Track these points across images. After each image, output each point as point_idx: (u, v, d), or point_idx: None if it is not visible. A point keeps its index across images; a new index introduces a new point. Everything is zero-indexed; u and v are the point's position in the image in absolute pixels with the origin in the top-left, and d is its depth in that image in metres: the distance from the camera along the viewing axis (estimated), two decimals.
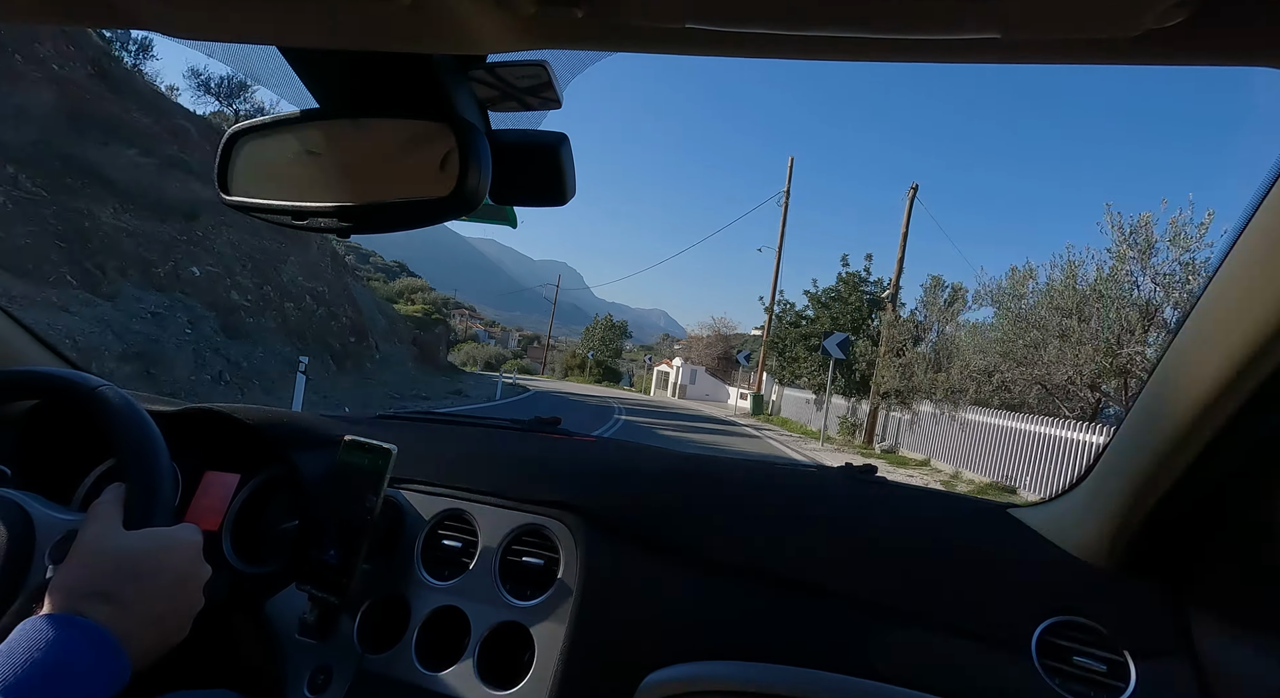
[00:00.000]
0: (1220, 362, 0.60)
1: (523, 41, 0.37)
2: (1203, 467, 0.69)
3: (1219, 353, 0.60)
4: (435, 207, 0.50)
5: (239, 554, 0.99)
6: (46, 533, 0.69)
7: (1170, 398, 0.68)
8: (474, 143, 0.49)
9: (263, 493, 1.05)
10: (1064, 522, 0.90)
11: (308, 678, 0.88)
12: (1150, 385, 0.72)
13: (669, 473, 1.01)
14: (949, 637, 0.79)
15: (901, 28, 0.31)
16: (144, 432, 0.71)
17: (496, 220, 0.92)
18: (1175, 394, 0.67)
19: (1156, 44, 0.32)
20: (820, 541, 0.89)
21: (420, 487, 1.01)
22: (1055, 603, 0.79)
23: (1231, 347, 0.58)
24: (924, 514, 0.95)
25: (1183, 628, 0.75)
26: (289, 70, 0.50)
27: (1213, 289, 0.62)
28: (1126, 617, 0.76)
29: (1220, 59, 0.34)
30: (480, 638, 0.86)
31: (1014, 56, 0.34)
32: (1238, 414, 0.63)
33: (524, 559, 0.91)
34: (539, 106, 0.50)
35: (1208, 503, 0.74)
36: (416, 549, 0.95)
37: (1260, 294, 0.55)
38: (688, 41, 0.35)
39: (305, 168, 0.55)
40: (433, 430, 1.24)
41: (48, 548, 0.68)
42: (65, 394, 0.75)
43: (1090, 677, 0.74)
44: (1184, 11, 0.28)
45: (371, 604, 0.92)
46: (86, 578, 0.57)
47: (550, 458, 1.04)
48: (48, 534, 0.69)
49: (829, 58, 0.35)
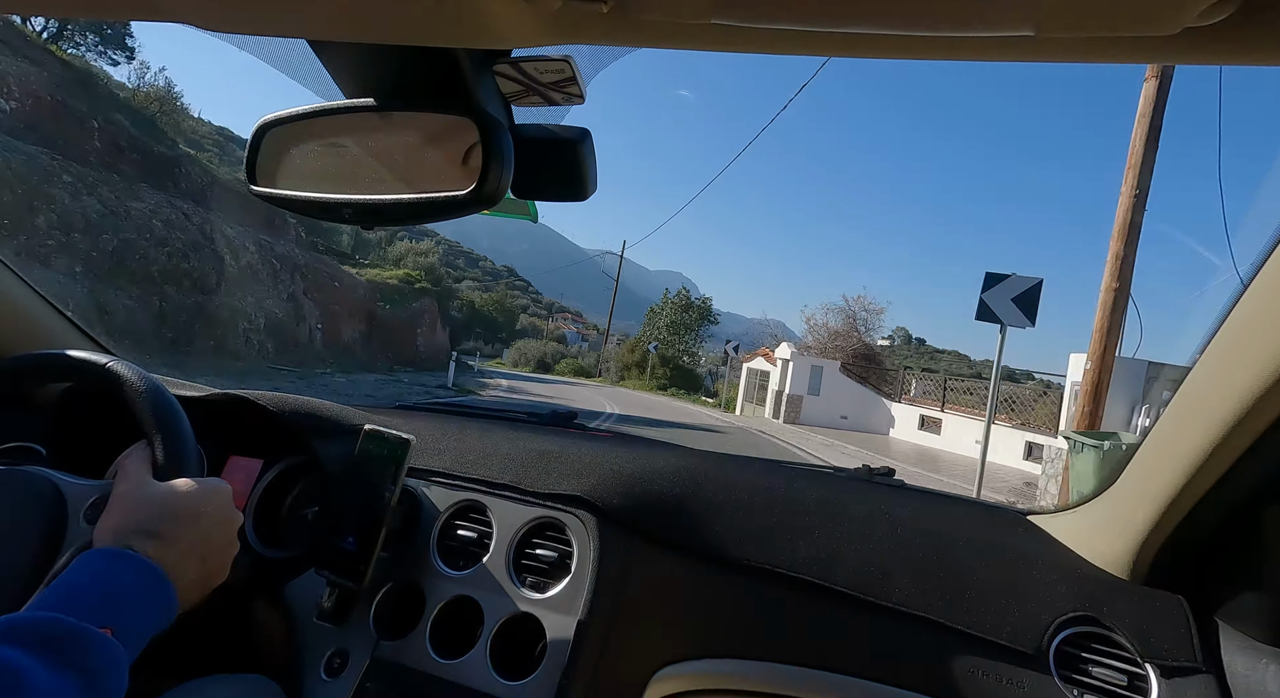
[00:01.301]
0: (1252, 374, 0.58)
1: (547, 36, 0.37)
2: (1232, 481, 0.67)
3: (1251, 365, 0.58)
4: (458, 201, 0.50)
5: (261, 538, 1.01)
6: (77, 500, 0.72)
7: (1200, 410, 0.66)
8: (497, 138, 0.49)
9: (285, 479, 1.07)
10: (1086, 530, 0.88)
11: (324, 661, 0.90)
12: (1179, 396, 0.70)
13: (685, 471, 1.01)
14: (965, 644, 0.78)
15: (934, 25, 0.30)
16: (159, 397, 0.74)
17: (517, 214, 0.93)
18: (1205, 406, 0.65)
19: (1196, 42, 0.31)
20: (835, 543, 0.89)
21: (438, 477, 1.02)
22: (1075, 613, 0.78)
23: (1263, 360, 0.57)
24: (942, 519, 0.94)
25: (1209, 644, 0.73)
26: (318, 64, 0.50)
27: (1244, 302, 0.60)
28: (1150, 629, 0.75)
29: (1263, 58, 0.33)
30: (493, 629, 0.87)
31: (1048, 55, 0.33)
32: (1268, 430, 0.61)
33: (538, 552, 0.92)
34: (562, 102, 0.51)
35: (1237, 520, 0.72)
36: (433, 539, 0.96)
37: None
38: (714, 38, 0.35)
39: (331, 160, 0.55)
40: (451, 422, 1.25)
41: (81, 512, 0.71)
42: (79, 373, 0.78)
43: (1109, 689, 0.73)
44: (1226, 9, 0.27)
45: (388, 592, 0.94)
46: (130, 519, 0.60)
47: (567, 453, 1.05)
48: (79, 501, 0.72)
49: (857, 55, 0.34)
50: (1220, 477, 0.67)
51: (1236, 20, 0.29)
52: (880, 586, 0.84)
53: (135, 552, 0.56)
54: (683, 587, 0.89)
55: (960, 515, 0.96)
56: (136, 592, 0.54)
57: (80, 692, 0.45)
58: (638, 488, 0.97)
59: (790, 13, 0.30)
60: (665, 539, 0.92)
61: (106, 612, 0.50)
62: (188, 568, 0.60)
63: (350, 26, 0.39)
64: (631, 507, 0.94)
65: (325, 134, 0.55)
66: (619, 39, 0.37)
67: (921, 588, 0.83)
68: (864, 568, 0.85)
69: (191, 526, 0.62)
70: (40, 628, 0.46)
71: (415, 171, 0.53)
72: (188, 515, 0.62)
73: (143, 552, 0.57)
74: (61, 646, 0.46)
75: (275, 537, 1.04)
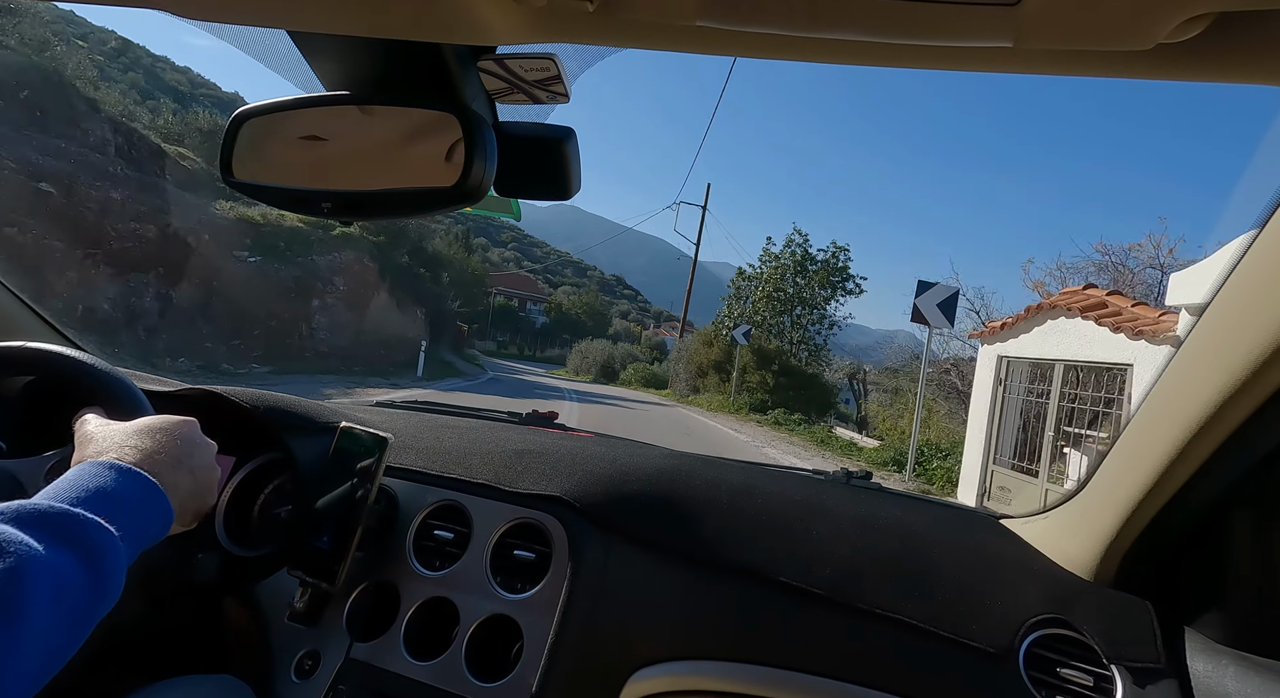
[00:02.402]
0: (1219, 382, 0.60)
1: (533, 33, 0.37)
2: (1198, 486, 0.69)
3: (1218, 373, 0.60)
4: (440, 196, 0.50)
5: (232, 537, 0.99)
6: (33, 474, 0.71)
7: (1167, 416, 0.68)
8: (481, 134, 0.49)
9: (258, 477, 1.05)
10: (1057, 534, 0.90)
11: (295, 662, 0.88)
12: (1147, 403, 0.72)
13: (664, 472, 1.01)
14: (938, 645, 0.79)
15: (915, 34, 0.30)
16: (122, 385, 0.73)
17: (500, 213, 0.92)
18: (1172, 413, 0.67)
19: (1169, 59, 0.32)
20: (812, 545, 0.89)
21: (415, 476, 1.01)
22: (1045, 615, 0.79)
23: (1230, 368, 0.58)
24: (918, 523, 0.95)
25: (1173, 646, 0.75)
26: (298, 55, 0.49)
27: (1212, 311, 0.62)
28: (1116, 632, 0.76)
29: (1232, 76, 0.34)
30: (469, 629, 0.86)
31: (1026, 66, 0.34)
32: (1233, 436, 0.63)
33: (516, 553, 0.91)
34: (547, 100, 0.50)
35: (1202, 524, 0.74)
36: (409, 539, 0.95)
37: (1260, 317, 0.55)
38: (699, 40, 0.35)
39: (311, 153, 0.55)
40: (430, 421, 1.24)
41: (41, 476, 0.69)
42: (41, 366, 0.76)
43: (1076, 689, 0.74)
44: (1197, 27, 0.28)
45: (362, 592, 0.92)
46: (107, 445, 0.59)
47: (546, 453, 1.04)
48: (34, 474, 0.71)
49: (840, 61, 0.35)
50: (1185, 482, 0.69)
51: (1208, 38, 0.29)
52: (855, 587, 0.84)
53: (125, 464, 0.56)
54: (661, 588, 0.89)
55: (935, 520, 0.97)
56: (132, 493, 0.53)
57: (79, 565, 0.44)
58: (617, 488, 0.96)
59: (775, 18, 0.31)
60: (644, 540, 0.92)
61: (103, 507, 0.49)
62: (179, 480, 0.60)
63: (334, 18, 0.39)
64: (610, 507, 0.94)
65: (305, 126, 0.54)
66: (604, 39, 0.37)
67: (896, 590, 0.84)
68: (840, 570, 0.86)
69: (169, 444, 0.62)
70: (33, 509, 0.45)
71: (397, 166, 0.53)
72: (164, 438, 0.62)
73: (132, 462, 0.56)
74: (58, 523, 0.45)
75: (247, 536, 1.02)
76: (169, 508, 0.57)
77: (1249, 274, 0.57)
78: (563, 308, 63.18)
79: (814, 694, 0.80)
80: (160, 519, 0.56)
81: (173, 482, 0.58)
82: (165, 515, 0.56)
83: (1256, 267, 0.56)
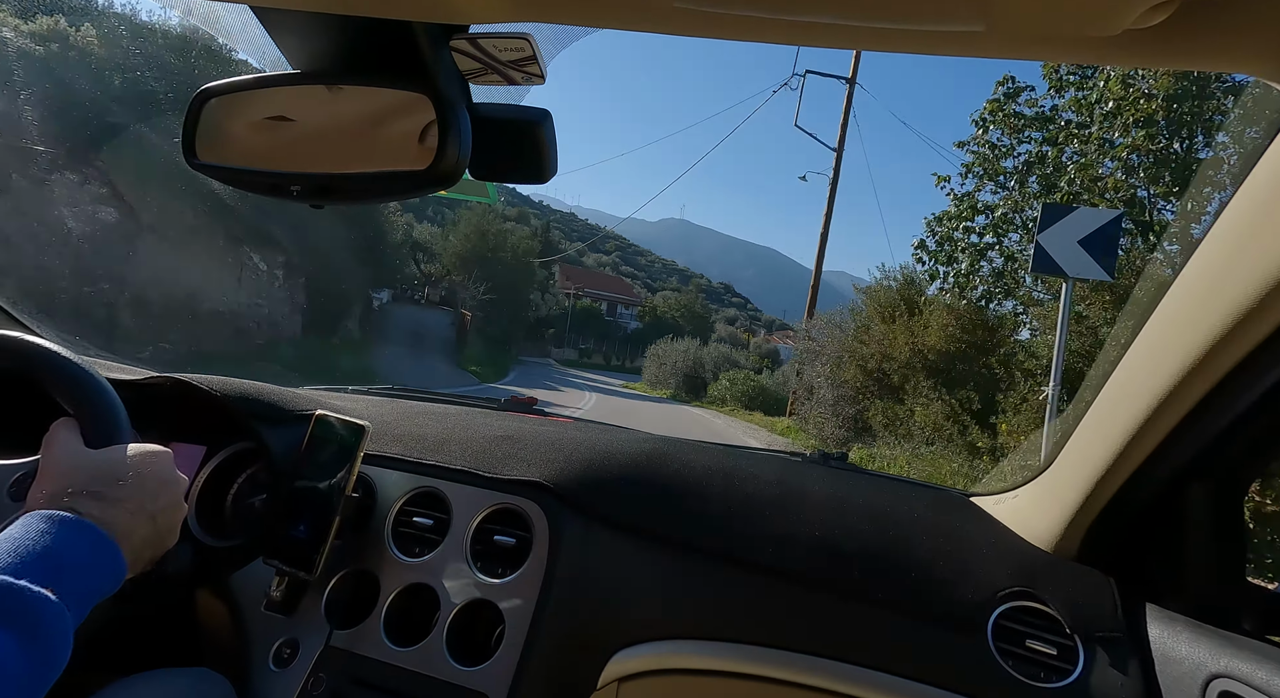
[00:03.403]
0: (1179, 359, 0.62)
1: (507, 12, 0.37)
2: (1157, 463, 0.72)
3: (1178, 351, 0.62)
4: (413, 180, 0.49)
5: (204, 528, 0.98)
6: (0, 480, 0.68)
7: (1128, 395, 0.70)
8: (454, 116, 0.48)
9: (230, 466, 1.04)
10: (1024, 511, 0.92)
11: (273, 651, 0.88)
12: (1110, 382, 0.74)
13: (643, 456, 1.01)
14: (910, 620, 0.82)
15: (887, 17, 0.31)
16: (83, 374, 0.69)
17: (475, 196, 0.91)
18: (1133, 392, 0.69)
19: (1136, 45, 0.32)
20: (789, 525, 0.91)
21: (393, 463, 1.01)
22: (1012, 589, 0.82)
23: (1190, 346, 0.60)
24: (891, 502, 0.97)
25: (1133, 617, 0.78)
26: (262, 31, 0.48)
27: (1174, 292, 0.64)
28: (1079, 604, 0.79)
29: (1196, 63, 0.35)
30: (449, 615, 0.87)
31: (996, 50, 0.34)
32: (1191, 413, 0.65)
33: (496, 538, 0.91)
34: (522, 81, 0.50)
35: (1161, 500, 0.77)
36: (387, 526, 0.94)
37: (1218, 298, 0.57)
38: (674, 21, 0.35)
39: (279, 134, 0.53)
40: (407, 407, 1.23)
41: (5, 488, 0.66)
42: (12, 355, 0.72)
43: (1041, 660, 0.77)
44: (1164, 13, 0.29)
45: (340, 580, 0.92)
46: (67, 483, 0.56)
47: (525, 438, 1.04)
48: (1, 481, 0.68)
49: (813, 43, 0.35)
50: (1146, 458, 0.72)
51: (1173, 25, 0.30)
52: (830, 565, 0.86)
53: (78, 514, 0.53)
54: (640, 570, 0.90)
55: (907, 498, 1.00)
56: (79, 554, 0.51)
57: (19, 646, 0.42)
58: (596, 473, 0.97)
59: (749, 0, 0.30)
60: (623, 523, 0.93)
61: (47, 574, 0.47)
62: (136, 528, 0.57)
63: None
64: (590, 492, 0.94)
65: (272, 106, 0.53)
66: (580, 19, 0.37)
67: (869, 567, 0.86)
68: (816, 549, 0.88)
69: (136, 485, 0.59)
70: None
71: (368, 148, 0.52)
72: (130, 478, 0.59)
73: (87, 513, 0.53)
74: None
75: (220, 526, 1.00)
76: (121, 564, 0.54)
77: (1209, 256, 0.59)
78: (658, 311, 56.47)
79: (791, 670, 0.82)
80: (112, 577, 0.53)
81: (129, 530, 0.56)
82: (118, 572, 0.54)
83: (1216, 249, 0.58)
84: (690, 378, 23.15)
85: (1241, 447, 0.70)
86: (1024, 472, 0.96)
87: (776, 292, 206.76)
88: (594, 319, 50.88)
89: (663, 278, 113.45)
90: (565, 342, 45.42)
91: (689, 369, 23.56)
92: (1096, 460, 0.75)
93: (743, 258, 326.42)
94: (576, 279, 54.95)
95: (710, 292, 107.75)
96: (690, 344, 26.18)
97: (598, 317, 51.92)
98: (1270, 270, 0.51)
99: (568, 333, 46.25)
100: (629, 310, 56.52)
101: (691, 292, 67.55)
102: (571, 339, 46.41)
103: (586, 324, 49.56)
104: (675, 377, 23.86)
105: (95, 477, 0.58)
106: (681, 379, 23.46)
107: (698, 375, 23.11)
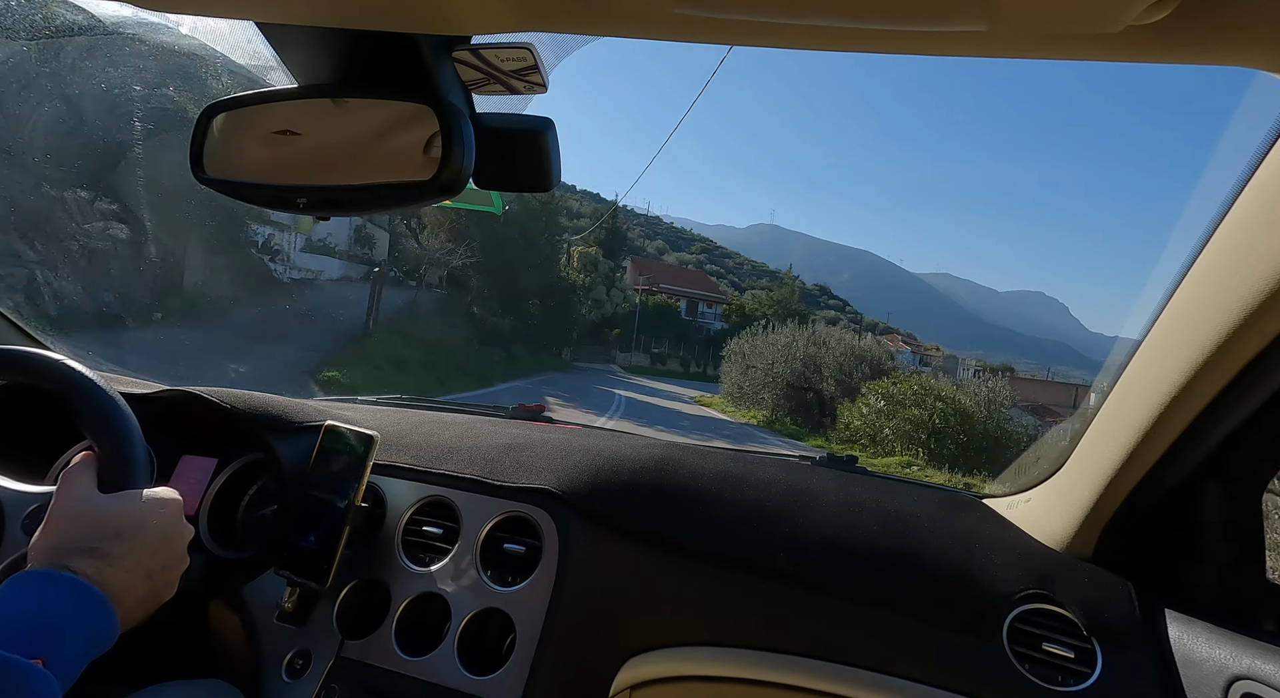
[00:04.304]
0: (1189, 359, 0.61)
1: (508, 23, 0.37)
2: (1170, 463, 0.71)
3: (1188, 351, 0.61)
4: (418, 190, 0.49)
5: (216, 539, 0.98)
6: (15, 508, 0.69)
7: (1139, 394, 0.69)
8: (458, 126, 0.48)
9: (241, 478, 1.04)
10: (1037, 513, 0.92)
11: (286, 663, 0.88)
12: (1122, 382, 0.74)
13: (652, 462, 1.01)
14: (924, 624, 0.81)
15: (890, 19, 0.31)
16: (105, 399, 0.70)
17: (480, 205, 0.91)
18: (1144, 391, 0.68)
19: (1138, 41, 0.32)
20: (800, 530, 0.90)
21: (402, 472, 1.01)
22: (1028, 592, 0.81)
23: (1200, 345, 0.60)
24: (902, 505, 0.97)
25: (1150, 618, 0.77)
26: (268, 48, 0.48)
27: (1182, 292, 0.63)
28: (1095, 606, 0.78)
29: (1199, 58, 0.34)
30: (460, 624, 0.86)
31: (999, 49, 0.34)
32: (1203, 413, 0.65)
33: (506, 546, 0.91)
34: (524, 90, 0.50)
35: (1176, 500, 0.76)
36: (397, 536, 0.94)
37: (1226, 297, 0.56)
38: (676, 27, 0.35)
39: (284, 148, 0.54)
40: (416, 416, 1.23)
41: (19, 520, 0.67)
42: (18, 370, 0.73)
43: (1058, 663, 0.76)
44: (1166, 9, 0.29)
45: (352, 590, 0.92)
46: (69, 536, 0.57)
47: (533, 446, 1.04)
48: (16, 508, 0.68)
49: (816, 47, 0.35)
50: (1159, 459, 0.71)
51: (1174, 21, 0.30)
52: (842, 570, 0.86)
53: (73, 573, 0.54)
54: (651, 577, 0.89)
55: (919, 501, 0.99)
56: (72, 618, 0.51)
57: None
58: (605, 480, 0.97)
59: (751, 4, 0.31)
60: (633, 531, 0.92)
61: (37, 641, 0.48)
62: (132, 587, 0.57)
63: (302, 9, 0.38)
64: (599, 499, 0.94)
65: (277, 120, 0.53)
66: (581, 27, 0.37)
67: (882, 572, 0.85)
68: (827, 553, 0.87)
69: (137, 542, 0.59)
70: None
71: (373, 160, 0.52)
72: (133, 531, 0.59)
73: (82, 572, 0.54)
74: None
75: (232, 537, 1.01)
76: (114, 626, 0.54)
77: (1218, 252, 0.58)
78: (746, 309, 46.34)
79: (803, 675, 0.82)
80: (105, 639, 0.54)
81: (124, 590, 0.56)
82: (110, 633, 0.54)
83: (1224, 245, 0.57)
84: (797, 392, 14.60)
85: (1257, 444, 0.69)
86: (1036, 472, 0.95)
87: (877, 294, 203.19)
88: (669, 319, 42.50)
89: (752, 279, 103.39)
90: (634, 344, 38.38)
91: (794, 377, 14.94)
92: (1110, 461, 0.74)
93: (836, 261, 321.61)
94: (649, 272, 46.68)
95: (805, 294, 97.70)
96: (796, 333, 16.97)
97: (674, 316, 43.20)
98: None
99: (635, 333, 38.74)
100: (712, 310, 47.06)
101: (786, 287, 55.16)
102: (642, 341, 38.91)
103: (661, 325, 41.45)
104: (773, 388, 15.41)
105: (97, 530, 0.58)
106: (784, 393, 14.87)
107: (811, 386, 14.69)
